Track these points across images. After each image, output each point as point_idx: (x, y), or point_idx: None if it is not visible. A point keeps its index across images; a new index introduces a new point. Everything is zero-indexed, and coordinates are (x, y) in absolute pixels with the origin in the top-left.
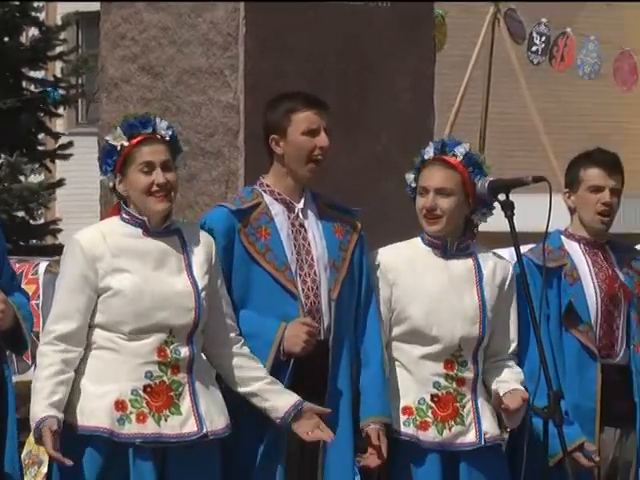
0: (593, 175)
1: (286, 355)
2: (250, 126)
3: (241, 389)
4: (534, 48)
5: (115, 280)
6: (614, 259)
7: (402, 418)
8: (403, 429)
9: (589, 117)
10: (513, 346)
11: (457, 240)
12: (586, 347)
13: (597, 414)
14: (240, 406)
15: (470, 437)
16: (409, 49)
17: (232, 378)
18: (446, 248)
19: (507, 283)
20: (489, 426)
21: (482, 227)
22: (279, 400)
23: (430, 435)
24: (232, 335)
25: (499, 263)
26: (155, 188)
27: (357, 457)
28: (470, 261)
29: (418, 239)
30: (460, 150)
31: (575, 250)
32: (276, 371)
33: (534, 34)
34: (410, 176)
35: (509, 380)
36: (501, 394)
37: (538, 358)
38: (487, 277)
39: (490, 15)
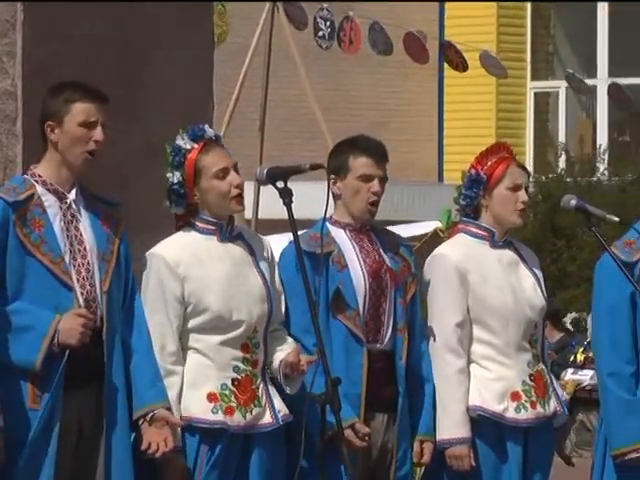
0: (362, 164)
1: (60, 347)
2: (28, 113)
3: None
4: (320, 33)
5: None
6: (379, 244)
7: (209, 406)
8: (213, 417)
9: (368, 105)
10: (281, 316)
11: (231, 224)
12: (353, 333)
13: (362, 400)
14: None
15: (267, 418)
16: (188, 35)
17: None
18: (222, 232)
19: (270, 257)
20: (280, 405)
21: (262, 214)
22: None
23: (236, 420)
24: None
25: (262, 240)
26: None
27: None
28: (241, 243)
29: (180, 233)
30: None
31: (341, 237)
32: (49, 362)
33: (318, 19)
34: None
35: (288, 347)
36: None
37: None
38: (259, 256)
39: (269, 3)
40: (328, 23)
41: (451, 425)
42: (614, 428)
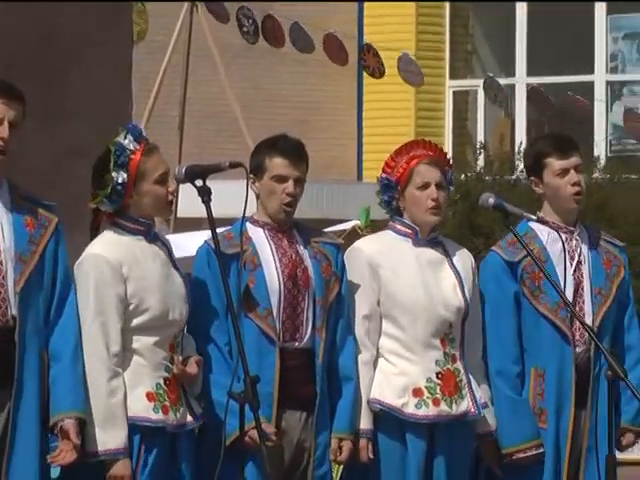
0: (277, 164)
1: None
2: None
3: None
4: (245, 29)
5: None
6: (301, 243)
7: (150, 405)
8: (155, 416)
9: (288, 103)
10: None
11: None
12: (265, 332)
13: (275, 399)
14: None
15: (189, 417)
16: (107, 34)
17: None
18: (149, 234)
19: (171, 252)
20: (196, 405)
21: (180, 212)
22: None
23: (170, 418)
24: None
25: (168, 240)
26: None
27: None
28: (160, 244)
29: (111, 232)
30: None
31: (259, 236)
32: None
33: (240, 16)
34: None
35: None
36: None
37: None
38: (173, 256)
39: (188, 1)
40: (251, 21)
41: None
42: (502, 427)
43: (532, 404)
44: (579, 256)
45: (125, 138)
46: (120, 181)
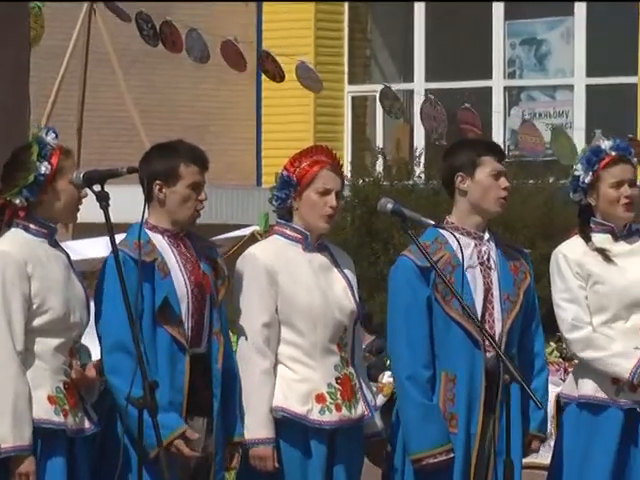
0: (195, 172)
1: None
2: None
3: None
4: (145, 32)
5: None
6: (193, 248)
7: (51, 407)
8: (56, 419)
9: (187, 109)
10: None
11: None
12: (177, 340)
13: (183, 406)
14: None
15: (87, 423)
16: (4, 38)
17: None
18: (52, 238)
19: (69, 259)
20: (92, 412)
21: (80, 218)
22: None
23: (69, 422)
24: None
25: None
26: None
27: None
28: (60, 249)
29: (16, 230)
30: None
31: (161, 243)
32: None
33: (140, 20)
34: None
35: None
36: None
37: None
38: (73, 262)
39: (87, 3)
40: (150, 24)
41: (255, 425)
42: (412, 433)
43: (443, 409)
44: (489, 262)
45: (47, 135)
46: (43, 171)
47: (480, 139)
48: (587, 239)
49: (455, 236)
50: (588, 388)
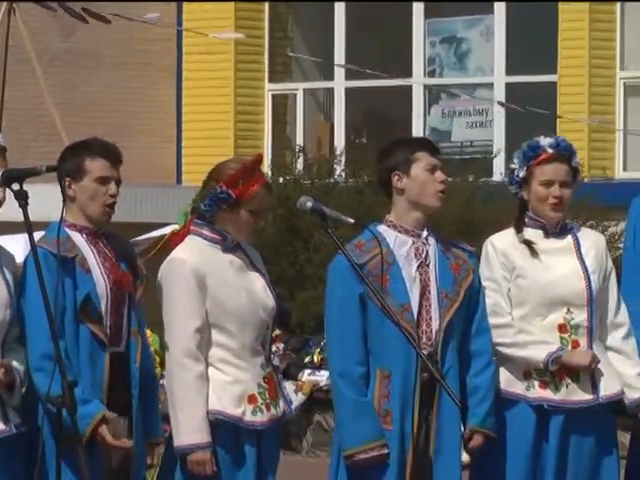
0: (100, 166)
1: None
2: None
3: None
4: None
5: None
6: (111, 247)
7: None
8: None
9: (107, 107)
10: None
11: None
12: (97, 337)
13: (104, 403)
14: None
15: (2, 425)
16: None
17: None
18: None
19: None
20: (13, 414)
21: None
22: None
23: None
24: None
25: (2, 247)
26: None
27: None
28: None
29: None
30: None
31: (80, 240)
32: None
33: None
34: None
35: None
36: None
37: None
38: (4, 261)
39: (5, 4)
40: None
41: (191, 430)
42: (344, 429)
43: (377, 406)
44: (426, 259)
45: None
46: None
47: (412, 137)
48: (518, 230)
49: (392, 233)
50: (500, 381)
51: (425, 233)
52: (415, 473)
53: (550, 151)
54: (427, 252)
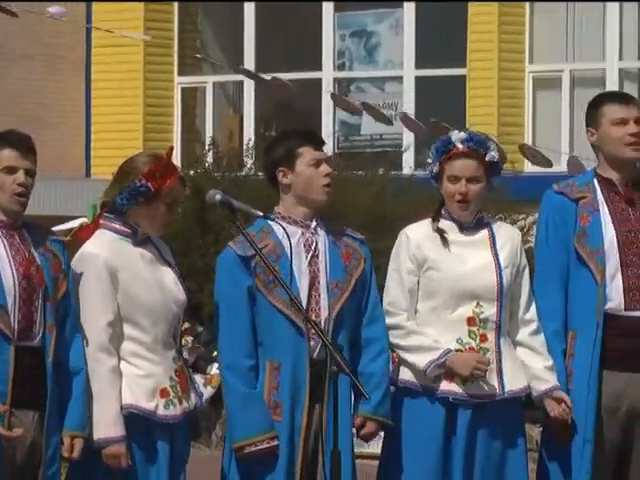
0: (6, 156)
1: None
2: None
3: None
4: None
5: None
6: (31, 242)
7: None
8: None
9: (16, 99)
10: None
11: None
12: (1, 331)
13: (9, 398)
14: None
15: None
16: None
17: None
18: None
19: None
20: None
21: None
22: None
23: None
24: None
25: None
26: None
27: None
28: None
29: None
30: None
31: None
32: None
33: None
34: None
35: None
36: None
37: None
38: None
39: None
40: None
41: (107, 424)
42: (233, 421)
43: (267, 397)
44: (315, 250)
45: None
46: None
47: (297, 130)
48: (434, 219)
49: (281, 225)
50: (407, 373)
51: (314, 224)
52: (305, 465)
53: (460, 146)
54: (317, 243)
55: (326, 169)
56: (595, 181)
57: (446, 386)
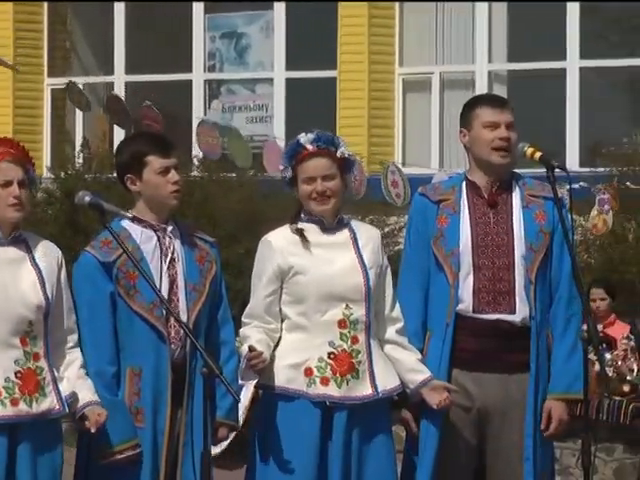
0: None
1: None
2: None
3: None
4: None
5: None
6: None
7: None
8: None
9: None
10: None
11: None
12: None
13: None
14: None
15: None
16: None
17: None
18: None
19: None
20: None
21: None
22: None
23: None
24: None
25: None
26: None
27: None
28: None
29: None
30: None
31: None
32: None
33: None
34: None
35: None
36: None
37: None
38: None
39: None
40: None
41: None
42: (102, 431)
43: (129, 403)
44: (172, 253)
45: None
46: None
47: (144, 136)
48: (292, 222)
49: (138, 229)
50: (280, 378)
51: (170, 227)
52: (169, 468)
53: (310, 147)
54: (174, 246)
55: (174, 176)
56: (463, 184)
57: (322, 389)
